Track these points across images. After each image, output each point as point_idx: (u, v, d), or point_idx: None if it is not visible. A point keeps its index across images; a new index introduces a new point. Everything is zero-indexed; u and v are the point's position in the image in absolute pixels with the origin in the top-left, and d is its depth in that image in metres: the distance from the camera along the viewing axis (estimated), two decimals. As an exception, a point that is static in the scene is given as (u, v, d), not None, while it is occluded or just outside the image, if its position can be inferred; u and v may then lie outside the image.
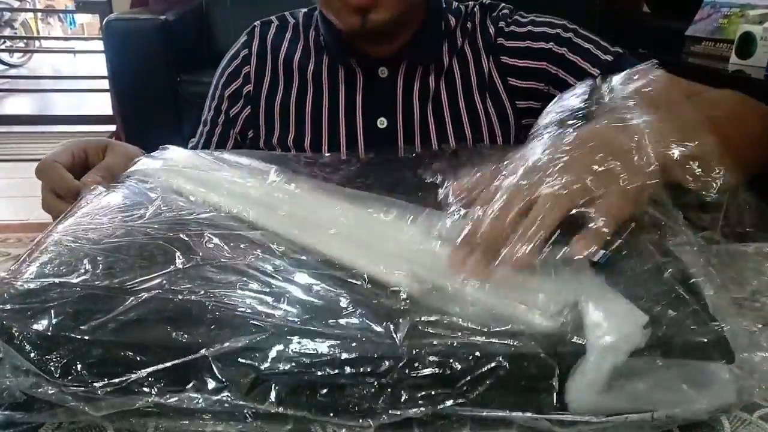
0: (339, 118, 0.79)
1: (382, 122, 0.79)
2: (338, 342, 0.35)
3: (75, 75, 4.65)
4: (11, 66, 5.17)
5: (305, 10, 0.85)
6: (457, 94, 0.79)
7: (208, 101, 0.86)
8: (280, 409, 0.34)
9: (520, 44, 0.78)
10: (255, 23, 0.85)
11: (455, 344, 0.35)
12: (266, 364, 0.34)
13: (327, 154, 0.64)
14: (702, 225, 0.46)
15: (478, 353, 0.34)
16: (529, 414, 0.35)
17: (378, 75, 0.79)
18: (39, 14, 6.42)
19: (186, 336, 0.35)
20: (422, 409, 0.34)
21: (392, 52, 0.78)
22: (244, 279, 0.39)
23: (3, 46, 5.32)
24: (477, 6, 0.83)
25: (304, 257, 0.42)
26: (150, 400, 0.34)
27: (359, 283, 0.40)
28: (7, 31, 5.13)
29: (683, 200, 0.48)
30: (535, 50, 0.77)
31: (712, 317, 0.38)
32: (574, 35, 0.77)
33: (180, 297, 0.37)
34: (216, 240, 0.43)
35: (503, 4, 0.83)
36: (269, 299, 0.37)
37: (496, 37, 0.80)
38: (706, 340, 0.36)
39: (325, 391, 0.35)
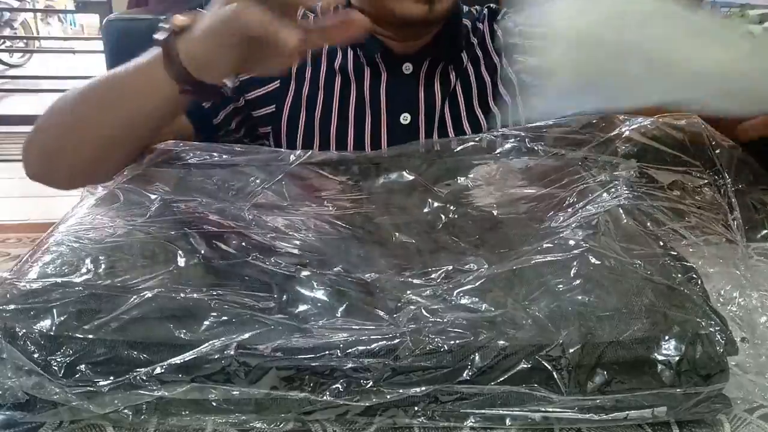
0: (365, 113, 0.79)
1: (405, 118, 0.80)
2: (341, 333, 0.35)
3: (75, 75, 4.65)
4: (11, 66, 5.16)
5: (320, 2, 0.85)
6: (472, 91, 0.81)
7: None
8: (284, 394, 0.35)
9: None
10: None
11: (458, 324, 0.35)
12: (269, 356, 0.34)
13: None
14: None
15: (481, 332, 0.35)
16: (529, 410, 0.35)
17: (402, 71, 0.80)
18: (39, 14, 6.41)
19: (189, 334, 0.35)
20: (425, 388, 0.34)
21: (417, 48, 0.79)
22: (246, 276, 0.39)
23: (3, 46, 5.32)
24: (485, 10, 0.86)
25: (305, 254, 0.43)
26: (155, 393, 0.34)
27: (360, 279, 0.40)
28: (7, 31, 5.12)
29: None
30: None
31: (714, 310, 0.38)
32: None
33: (182, 295, 0.37)
34: (217, 238, 0.43)
35: (506, 10, 0.86)
36: (271, 296, 0.37)
37: (507, 38, 0.82)
38: (709, 331, 0.36)
39: (327, 373, 0.35)
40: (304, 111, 0.80)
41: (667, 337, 0.36)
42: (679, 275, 0.41)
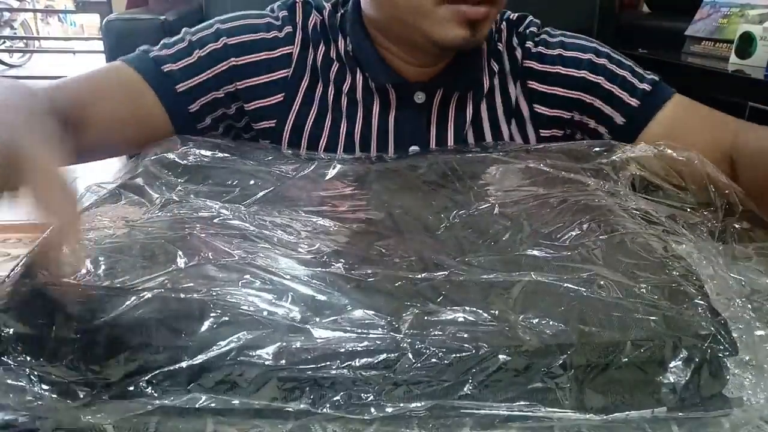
0: (371, 142, 0.73)
1: (413, 151, 0.73)
2: (341, 337, 0.35)
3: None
4: (11, 66, 5.16)
5: (329, 7, 0.76)
6: (482, 119, 0.75)
7: (216, 31, 0.71)
8: (284, 405, 0.35)
9: (549, 69, 0.74)
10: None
11: (459, 337, 0.35)
12: (269, 361, 0.34)
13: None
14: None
15: (482, 346, 0.35)
16: (530, 411, 0.35)
17: (414, 100, 0.73)
18: (39, 14, 6.41)
19: (189, 335, 0.35)
20: (425, 403, 0.34)
21: (431, 75, 0.73)
22: (246, 277, 0.39)
23: (3, 46, 5.32)
24: (504, 22, 0.78)
25: (307, 254, 0.42)
26: (154, 403, 0.34)
27: (362, 278, 0.40)
28: (7, 31, 5.12)
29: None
30: (568, 77, 0.74)
31: (714, 310, 0.38)
32: (608, 61, 0.73)
33: (182, 296, 0.37)
34: (218, 238, 0.43)
35: (530, 19, 0.78)
36: (271, 296, 0.37)
37: (523, 59, 0.75)
38: (709, 332, 0.36)
39: (328, 385, 0.35)
40: (307, 132, 0.73)
41: (667, 340, 0.36)
42: (680, 276, 0.41)
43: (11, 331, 0.35)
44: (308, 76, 0.73)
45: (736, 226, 0.49)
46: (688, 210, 0.52)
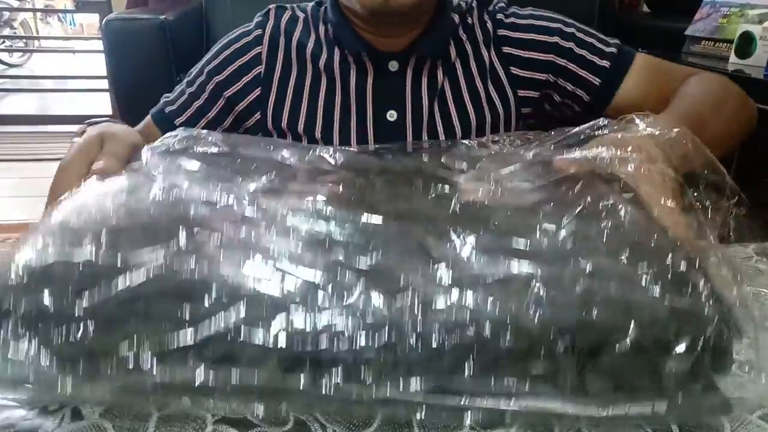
0: (350, 110, 0.80)
1: (392, 115, 0.80)
2: (342, 318, 0.35)
3: (75, 75, 4.64)
4: (11, 66, 5.16)
5: (312, 4, 0.86)
6: (460, 84, 0.81)
7: (202, 65, 0.84)
8: (283, 385, 0.34)
9: (523, 36, 0.82)
10: (270, 6, 0.86)
11: (460, 321, 0.35)
12: (270, 341, 0.34)
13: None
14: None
15: (483, 330, 0.35)
16: (530, 397, 0.35)
17: (388, 69, 0.80)
18: (38, 14, 6.41)
19: (190, 311, 0.35)
20: (426, 384, 0.34)
21: (403, 46, 0.80)
22: (248, 256, 0.39)
23: (3, 46, 5.32)
24: (474, 1, 0.86)
25: (308, 238, 0.42)
26: (155, 379, 0.34)
27: (363, 262, 0.40)
28: (7, 31, 5.12)
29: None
30: (541, 42, 0.81)
31: (718, 296, 0.37)
32: (576, 30, 0.81)
33: (183, 276, 0.37)
34: (219, 218, 0.43)
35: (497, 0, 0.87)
36: (272, 277, 0.37)
37: (495, 28, 0.83)
38: (713, 317, 0.36)
39: (328, 365, 0.35)
40: (286, 114, 0.81)
41: (670, 326, 0.36)
42: (682, 262, 0.40)
43: (12, 308, 0.35)
44: (280, 67, 0.82)
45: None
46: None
